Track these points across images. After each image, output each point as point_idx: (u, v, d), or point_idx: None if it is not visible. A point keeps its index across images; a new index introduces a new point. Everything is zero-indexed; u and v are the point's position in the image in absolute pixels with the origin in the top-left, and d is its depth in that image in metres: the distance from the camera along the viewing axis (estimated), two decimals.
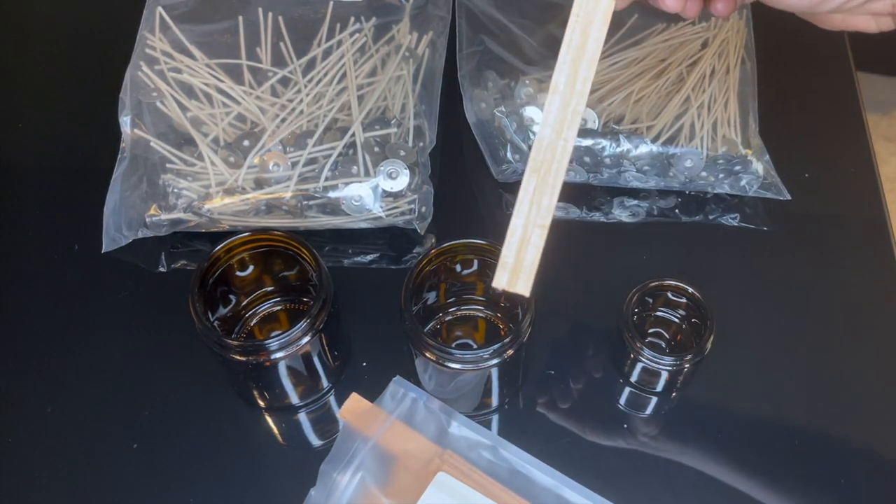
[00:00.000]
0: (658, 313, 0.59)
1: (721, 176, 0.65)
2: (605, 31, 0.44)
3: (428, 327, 0.59)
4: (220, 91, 0.66)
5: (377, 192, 0.62)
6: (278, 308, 0.60)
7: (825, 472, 0.56)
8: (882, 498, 0.55)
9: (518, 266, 0.45)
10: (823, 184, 0.68)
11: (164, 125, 0.66)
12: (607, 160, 0.65)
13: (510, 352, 0.51)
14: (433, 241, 0.65)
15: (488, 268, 0.56)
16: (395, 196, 0.63)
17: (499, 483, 0.51)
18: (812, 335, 0.61)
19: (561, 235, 0.66)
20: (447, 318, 0.60)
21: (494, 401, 0.57)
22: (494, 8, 0.72)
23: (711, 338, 0.54)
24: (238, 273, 0.57)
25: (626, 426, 0.57)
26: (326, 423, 0.58)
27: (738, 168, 0.65)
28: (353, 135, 0.63)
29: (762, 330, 0.61)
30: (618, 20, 0.71)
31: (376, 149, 0.63)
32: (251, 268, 0.57)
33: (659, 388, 0.58)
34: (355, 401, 0.54)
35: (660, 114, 0.66)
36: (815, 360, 0.60)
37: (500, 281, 0.45)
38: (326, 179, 0.62)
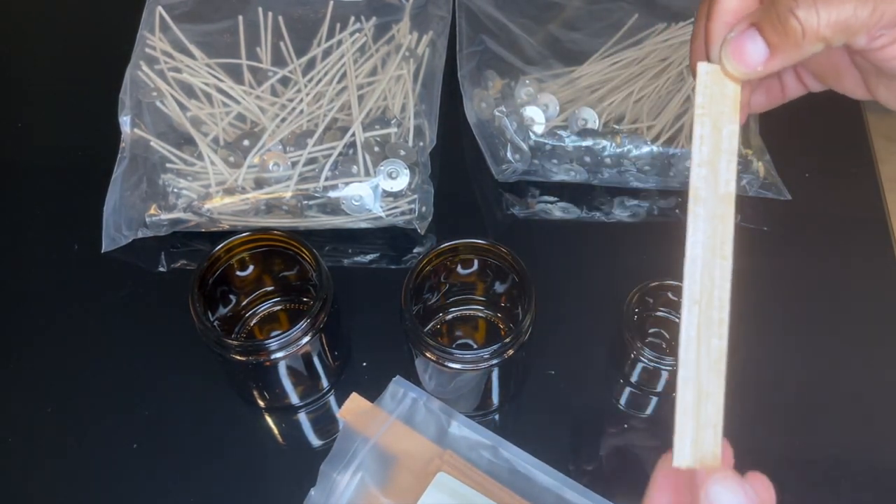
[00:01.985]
0: (658, 313, 0.59)
1: None
2: (738, 121, 0.37)
3: (428, 327, 0.59)
4: (220, 91, 0.66)
5: (377, 192, 0.62)
6: (278, 308, 0.60)
7: (826, 472, 0.55)
8: (884, 498, 0.55)
9: (701, 433, 0.36)
10: (824, 184, 0.68)
11: (164, 125, 0.66)
12: (608, 160, 0.65)
13: (510, 352, 0.51)
14: (433, 241, 0.65)
15: (488, 268, 0.56)
16: (396, 196, 0.62)
17: (499, 483, 0.51)
18: (813, 335, 0.61)
19: (561, 235, 0.66)
20: (447, 318, 0.60)
21: (495, 401, 0.57)
22: (495, 7, 0.72)
23: None
24: (238, 273, 0.57)
25: (626, 426, 0.57)
26: (326, 424, 0.58)
27: (738, 168, 0.65)
28: (353, 134, 0.63)
29: (763, 330, 0.61)
30: (618, 21, 0.71)
31: (376, 148, 0.63)
32: (251, 268, 0.57)
33: (659, 388, 0.57)
34: (355, 401, 0.54)
35: (660, 113, 0.66)
36: (815, 359, 0.60)
37: (683, 458, 0.35)
38: (326, 179, 0.62)
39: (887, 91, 0.42)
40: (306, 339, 0.52)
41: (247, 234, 0.54)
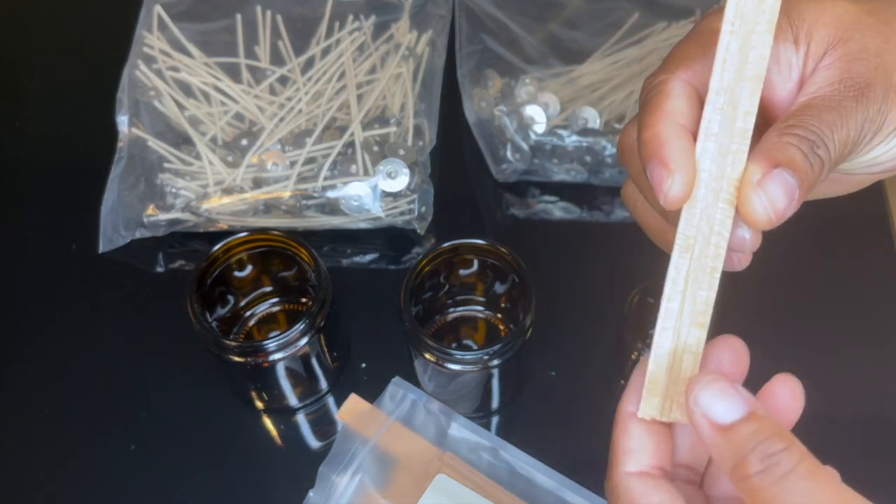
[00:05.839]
0: None
1: None
2: (770, 43, 0.31)
3: (427, 328, 0.59)
4: (219, 90, 0.66)
5: (376, 192, 0.62)
6: (277, 308, 0.60)
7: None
8: (885, 495, 0.55)
9: (673, 386, 0.32)
10: None
11: (162, 124, 0.65)
12: (609, 160, 0.64)
13: (510, 353, 0.51)
14: (433, 241, 0.64)
15: (488, 268, 0.56)
16: (395, 196, 0.62)
17: (499, 485, 0.51)
18: (814, 335, 0.61)
19: (562, 236, 0.66)
20: (447, 319, 0.60)
21: (495, 402, 0.57)
22: (495, 6, 0.71)
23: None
24: (236, 273, 0.56)
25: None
26: (325, 425, 0.58)
27: None
28: (352, 134, 0.63)
29: (764, 330, 0.61)
30: (618, 20, 0.70)
31: (375, 148, 0.63)
32: (249, 268, 0.57)
33: None
34: (354, 402, 0.54)
35: None
36: (817, 360, 0.60)
37: (650, 409, 0.32)
38: (325, 179, 0.62)
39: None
40: (305, 339, 0.51)
41: (245, 234, 0.54)
